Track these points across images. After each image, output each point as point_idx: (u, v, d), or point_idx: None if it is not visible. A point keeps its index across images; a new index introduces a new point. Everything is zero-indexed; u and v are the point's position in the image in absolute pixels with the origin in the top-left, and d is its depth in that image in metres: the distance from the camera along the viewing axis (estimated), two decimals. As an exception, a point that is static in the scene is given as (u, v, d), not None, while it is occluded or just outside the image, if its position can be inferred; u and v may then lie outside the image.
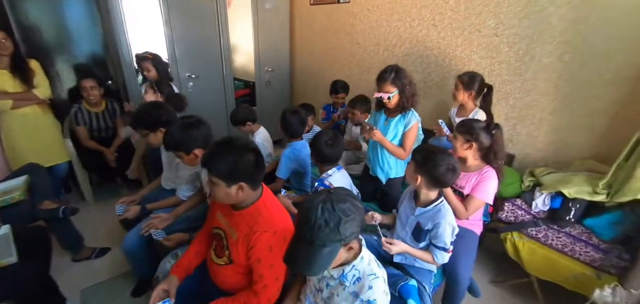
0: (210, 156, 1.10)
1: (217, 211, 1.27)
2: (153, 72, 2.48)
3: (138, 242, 1.66)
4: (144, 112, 1.75)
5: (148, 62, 2.47)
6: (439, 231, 1.31)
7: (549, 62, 1.93)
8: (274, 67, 3.52)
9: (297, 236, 0.90)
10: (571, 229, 1.68)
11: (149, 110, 1.75)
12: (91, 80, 2.46)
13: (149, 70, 2.47)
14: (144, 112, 1.75)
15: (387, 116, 1.91)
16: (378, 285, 0.94)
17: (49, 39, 2.56)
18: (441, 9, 2.35)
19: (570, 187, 1.64)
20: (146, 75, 2.50)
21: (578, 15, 1.78)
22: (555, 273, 1.70)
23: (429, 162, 1.28)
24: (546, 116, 2.00)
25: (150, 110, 1.74)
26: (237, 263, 1.16)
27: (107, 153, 2.52)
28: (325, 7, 3.20)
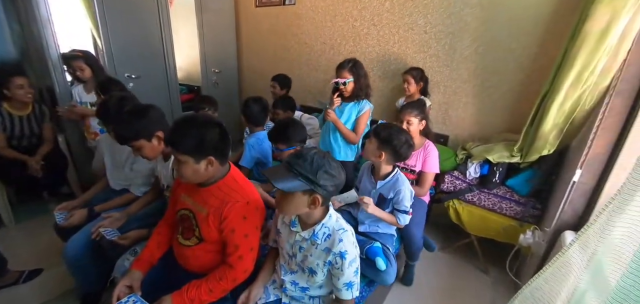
0: (174, 132, 1.07)
1: (181, 193, 1.22)
2: (87, 71, 2.27)
3: (84, 248, 1.48)
4: None
5: (80, 61, 2.25)
6: (400, 197, 1.47)
7: (468, 54, 2.29)
8: (221, 68, 3.46)
9: (284, 162, 0.99)
10: (498, 190, 1.99)
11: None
12: (23, 78, 2.16)
13: (82, 69, 2.26)
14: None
15: (342, 102, 2.06)
16: (347, 237, 1.02)
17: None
18: (379, 10, 2.61)
19: (493, 154, 1.96)
20: (79, 75, 2.27)
21: (487, 15, 2.16)
22: (489, 229, 2.00)
23: (391, 138, 1.43)
24: (470, 100, 2.36)
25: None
26: (208, 240, 1.14)
27: (31, 162, 2.20)
28: (271, 9, 3.29)
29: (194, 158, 1.05)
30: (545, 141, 1.69)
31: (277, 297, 1.16)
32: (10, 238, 2.18)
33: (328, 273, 1.07)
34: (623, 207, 0.90)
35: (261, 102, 2.03)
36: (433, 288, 1.96)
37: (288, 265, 1.15)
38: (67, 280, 1.77)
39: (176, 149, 1.05)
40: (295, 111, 2.60)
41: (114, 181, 1.77)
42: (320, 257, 1.04)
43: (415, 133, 1.85)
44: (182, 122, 1.08)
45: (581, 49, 1.42)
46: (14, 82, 2.15)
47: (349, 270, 1.00)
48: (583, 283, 1.06)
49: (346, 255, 0.99)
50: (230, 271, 1.10)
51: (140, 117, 1.39)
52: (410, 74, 2.34)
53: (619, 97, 1.35)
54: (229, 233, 1.09)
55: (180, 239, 1.20)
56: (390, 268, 1.40)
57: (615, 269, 0.93)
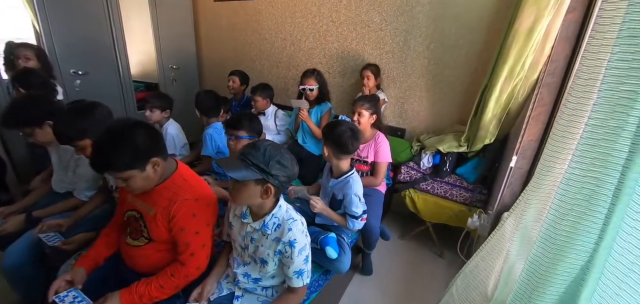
0: (103, 158, 0.97)
1: (129, 194, 1.17)
2: (33, 62, 2.10)
3: (24, 257, 1.39)
4: (19, 108, 1.47)
5: (29, 51, 2.08)
6: (347, 201, 1.46)
7: (421, 50, 2.40)
8: (179, 64, 3.34)
9: (239, 154, 1.00)
10: (449, 178, 2.12)
11: (25, 104, 1.48)
12: None
13: (28, 58, 2.08)
14: (20, 107, 1.47)
15: (309, 107, 2.39)
16: (296, 227, 1.05)
17: None
18: (337, 7, 2.66)
19: (444, 144, 2.08)
20: (24, 65, 2.09)
21: (436, 13, 2.28)
22: (442, 215, 2.12)
23: (330, 131, 1.46)
24: (424, 94, 2.48)
25: (26, 104, 1.48)
26: (158, 240, 1.12)
27: (-39, 168, 2.01)
28: (231, 4, 3.23)
29: (139, 169, 1.00)
30: (487, 131, 1.83)
31: (230, 291, 1.16)
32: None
33: (279, 262, 1.09)
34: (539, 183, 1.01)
35: (213, 94, 2.08)
36: (393, 275, 2.05)
37: (241, 257, 1.16)
38: (6, 294, 1.64)
39: (115, 170, 0.98)
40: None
41: (57, 183, 1.66)
42: (271, 247, 1.06)
43: (366, 125, 1.92)
44: (104, 141, 0.98)
45: (512, 46, 1.56)
46: None
47: (298, 258, 1.03)
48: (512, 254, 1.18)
49: (295, 244, 1.02)
50: (182, 268, 1.09)
51: (86, 116, 1.32)
52: (369, 69, 2.42)
53: (546, 89, 1.50)
54: (178, 232, 1.07)
55: (129, 240, 1.16)
56: (343, 257, 1.45)
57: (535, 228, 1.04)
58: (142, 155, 1.00)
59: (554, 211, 0.92)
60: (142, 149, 1.00)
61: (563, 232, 0.87)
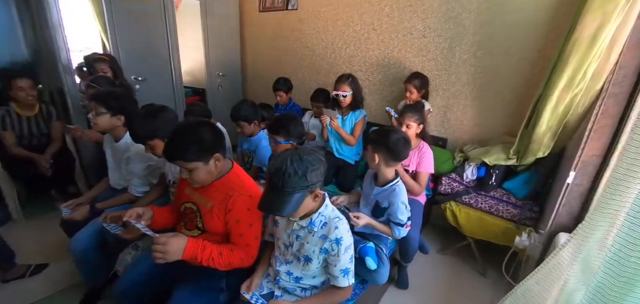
0: (175, 148, 1.09)
1: (186, 187, 1.27)
2: (109, 74, 2.35)
3: (90, 242, 1.56)
4: (111, 93, 1.68)
5: (104, 65, 2.34)
6: (393, 209, 1.45)
7: (467, 58, 2.31)
8: (225, 71, 3.54)
9: (270, 186, 0.99)
10: (494, 192, 2.01)
11: (116, 94, 1.69)
12: (26, 80, 2.25)
13: (105, 71, 2.34)
14: (112, 93, 1.68)
15: (342, 115, 2.32)
16: (342, 225, 1.07)
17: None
18: (379, 15, 2.65)
19: (490, 156, 1.98)
20: None
21: (485, 19, 2.18)
22: (487, 231, 2.01)
23: (383, 138, 1.45)
24: (469, 103, 2.37)
25: (117, 94, 1.69)
26: (211, 232, 1.19)
27: (40, 160, 2.28)
28: (275, 14, 3.35)
29: (203, 161, 1.10)
30: (540, 143, 1.71)
31: (270, 290, 1.19)
32: (18, 232, 2.25)
33: (323, 261, 1.11)
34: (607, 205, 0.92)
35: (248, 101, 2.08)
36: (430, 290, 1.97)
37: (283, 256, 1.19)
38: (72, 274, 1.83)
39: (184, 160, 1.08)
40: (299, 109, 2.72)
41: (113, 180, 1.83)
42: (317, 244, 1.08)
43: (412, 136, 1.88)
44: (177, 135, 1.11)
45: (572, 54, 1.44)
46: (15, 84, 2.23)
47: (345, 256, 1.05)
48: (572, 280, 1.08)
49: (342, 241, 1.04)
50: (240, 250, 1.15)
51: (155, 118, 1.45)
52: (412, 83, 2.31)
53: (612, 100, 1.37)
54: (234, 224, 1.14)
55: (183, 230, 1.25)
56: (382, 268, 1.42)
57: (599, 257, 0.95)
58: (207, 149, 1.10)
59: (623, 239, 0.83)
60: (208, 144, 1.10)
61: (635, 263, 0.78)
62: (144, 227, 1.09)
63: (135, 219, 1.14)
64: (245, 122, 1.98)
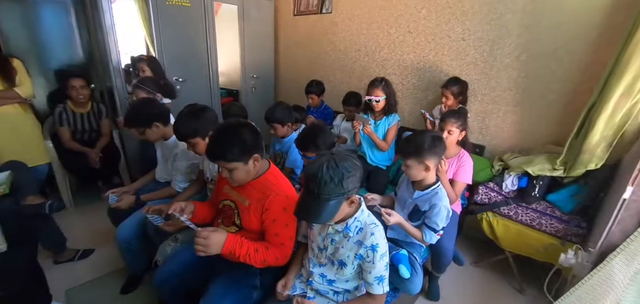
0: (217, 149, 1.13)
1: (225, 185, 1.32)
2: (148, 72, 2.51)
3: (134, 232, 1.67)
4: (134, 111, 1.75)
5: (144, 63, 2.51)
6: (434, 212, 1.40)
7: (509, 61, 2.20)
8: (259, 73, 3.63)
9: (305, 192, 0.99)
10: (537, 205, 1.88)
11: (139, 107, 1.76)
12: (80, 79, 2.45)
13: (144, 70, 2.50)
14: (135, 110, 1.75)
15: (375, 119, 2.28)
16: (379, 231, 1.05)
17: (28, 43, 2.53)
18: (415, 17, 2.60)
19: (534, 166, 1.86)
20: (141, 75, 2.52)
21: (531, 21, 2.06)
22: (527, 246, 1.88)
23: (413, 140, 1.42)
24: (510, 109, 2.26)
25: (140, 107, 1.75)
26: (248, 230, 1.22)
27: (91, 154, 2.47)
28: (309, 17, 3.40)
29: (243, 161, 1.13)
30: (592, 154, 1.58)
31: (303, 290, 1.20)
32: (69, 219, 2.44)
33: (358, 266, 1.10)
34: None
35: (283, 103, 2.11)
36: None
37: (317, 258, 1.19)
38: (115, 260, 1.97)
39: (224, 160, 1.12)
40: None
41: (159, 173, 1.94)
42: (352, 249, 1.07)
43: (453, 143, 1.82)
44: (218, 135, 1.15)
45: (632, 58, 1.32)
46: (70, 83, 2.44)
47: (380, 263, 1.04)
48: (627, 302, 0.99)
49: (378, 248, 1.03)
50: (275, 249, 1.17)
51: (197, 118, 1.51)
52: (450, 89, 2.22)
53: (679, 110, 1.24)
54: (270, 223, 1.17)
55: (221, 226, 1.30)
56: (415, 277, 1.38)
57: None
58: (247, 150, 1.13)
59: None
60: (247, 145, 1.13)
61: None
62: (187, 220, 1.14)
63: (178, 213, 1.19)
64: (278, 124, 2.01)
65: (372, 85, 2.21)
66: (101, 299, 1.78)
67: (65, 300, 1.76)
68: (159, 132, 1.74)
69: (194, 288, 1.34)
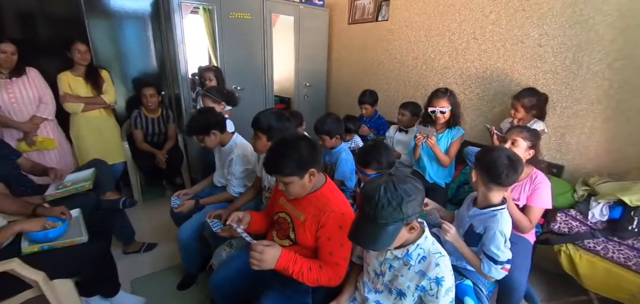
0: (274, 162, 1.13)
1: (281, 197, 1.31)
2: (214, 82, 2.69)
3: (193, 234, 1.77)
4: (194, 121, 1.84)
5: (210, 73, 2.69)
6: (488, 237, 1.22)
7: (599, 70, 1.90)
8: (311, 82, 3.67)
9: (361, 214, 0.93)
10: (635, 241, 1.58)
11: (199, 117, 1.84)
12: (151, 88, 2.71)
13: (210, 79, 2.68)
14: (194, 120, 1.84)
15: (437, 133, 2.11)
16: (444, 263, 0.95)
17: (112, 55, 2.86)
18: (482, 23, 2.40)
19: (632, 195, 1.56)
20: (208, 84, 2.70)
21: (627, 23, 1.77)
22: (620, 290, 1.59)
23: (486, 155, 1.28)
24: (598, 125, 1.94)
25: (199, 117, 1.84)
26: (302, 245, 1.20)
27: (159, 155, 2.70)
28: (364, 26, 3.35)
29: (299, 176, 1.12)
30: None
31: (355, 315, 1.13)
32: (137, 213, 2.68)
33: (419, 298, 1.01)
34: None
35: (333, 114, 2.10)
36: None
37: (372, 283, 1.12)
38: (175, 256, 2.10)
39: (281, 174, 1.12)
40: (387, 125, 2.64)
41: (217, 178, 2.04)
42: (413, 280, 0.99)
43: None
44: (276, 148, 1.15)
45: None
46: (142, 91, 2.71)
47: (444, 299, 0.94)
48: None
49: (443, 282, 0.93)
50: (329, 269, 1.12)
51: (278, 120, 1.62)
52: (521, 101, 1.98)
53: None
54: (325, 240, 1.13)
55: (275, 238, 1.30)
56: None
57: None
58: (303, 165, 1.12)
59: None
60: (304, 160, 1.11)
61: None
62: (243, 231, 1.15)
63: (236, 224, 1.21)
64: (327, 135, 2.00)
65: (436, 95, 2.06)
66: (160, 291, 1.91)
67: (130, 289, 1.91)
68: (216, 139, 1.82)
69: (246, 295, 1.35)
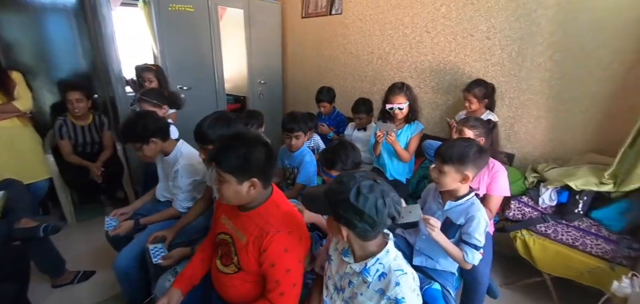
0: (219, 149, 1.01)
1: (222, 215, 1.16)
2: (155, 83, 2.40)
3: (132, 261, 1.53)
4: (130, 126, 1.59)
5: (150, 73, 2.40)
6: (473, 225, 1.22)
7: (541, 61, 1.99)
8: (266, 79, 3.50)
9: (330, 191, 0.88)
10: (580, 222, 1.67)
11: (134, 122, 1.59)
12: (77, 92, 2.33)
13: (150, 80, 2.39)
14: (130, 125, 1.59)
15: (396, 127, 2.07)
16: (406, 281, 0.86)
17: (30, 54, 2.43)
18: (433, 16, 2.41)
19: (577, 180, 1.64)
20: (147, 85, 2.41)
21: (566, 16, 1.85)
22: (569, 269, 1.68)
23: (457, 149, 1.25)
24: (542, 114, 2.04)
25: (135, 122, 1.59)
26: (247, 271, 1.05)
27: (93, 168, 2.35)
28: (317, 20, 3.24)
29: (237, 178, 0.98)
30: (652, 168, 1.36)
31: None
32: (71, 236, 2.34)
33: None
34: None
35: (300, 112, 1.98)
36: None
37: (331, 300, 1.02)
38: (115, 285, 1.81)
39: (219, 166, 0.99)
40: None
41: (160, 191, 1.80)
42: (373, 299, 0.89)
43: None
44: (230, 139, 1.03)
45: None
46: (68, 97, 2.32)
47: None
48: None
49: (403, 303, 0.83)
50: (277, 300, 1.00)
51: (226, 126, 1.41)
52: (473, 92, 2.04)
53: None
54: (268, 267, 0.99)
55: (219, 265, 1.13)
56: (451, 318, 1.19)
57: None
58: (247, 169, 0.98)
59: None
60: (251, 166, 0.98)
61: None
62: None
63: None
64: (302, 133, 1.89)
65: (392, 92, 2.03)
66: (99, 327, 1.65)
67: (62, 329, 1.63)
68: (156, 148, 1.59)
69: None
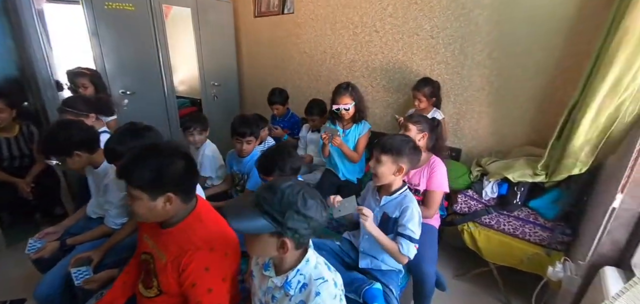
0: (128, 162, 0.91)
1: (144, 233, 1.07)
2: (90, 89, 2.20)
3: (56, 288, 1.37)
4: (50, 137, 1.44)
5: (84, 79, 2.19)
6: (407, 216, 1.26)
7: (481, 59, 2.06)
8: (220, 81, 3.35)
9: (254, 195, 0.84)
10: (519, 212, 1.75)
11: (56, 132, 1.44)
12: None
13: (85, 87, 2.19)
14: (51, 136, 1.44)
15: (343, 128, 2.09)
16: (327, 290, 0.83)
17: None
18: (381, 15, 2.43)
19: (514, 172, 1.72)
20: (82, 92, 2.21)
21: (501, 16, 1.93)
22: (511, 257, 1.75)
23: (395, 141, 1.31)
24: (484, 109, 2.12)
25: (56, 132, 1.44)
26: (168, 293, 0.97)
27: (21, 184, 2.12)
28: (270, 19, 3.16)
29: (149, 195, 0.89)
30: (576, 158, 1.45)
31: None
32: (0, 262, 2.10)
33: None
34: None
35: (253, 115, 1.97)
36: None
37: None
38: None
39: (129, 182, 0.89)
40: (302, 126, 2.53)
41: (91, 207, 1.65)
42: None
43: None
44: (141, 150, 0.93)
45: (617, 53, 1.18)
46: None
47: None
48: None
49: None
50: None
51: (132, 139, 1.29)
52: (422, 91, 2.07)
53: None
54: (189, 287, 0.91)
55: (141, 288, 1.04)
56: (390, 315, 1.19)
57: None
58: (161, 185, 0.90)
59: None
60: (165, 180, 0.90)
61: None
62: None
63: None
64: (253, 137, 1.86)
65: (338, 92, 2.03)
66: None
67: None
68: (81, 161, 1.45)
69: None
